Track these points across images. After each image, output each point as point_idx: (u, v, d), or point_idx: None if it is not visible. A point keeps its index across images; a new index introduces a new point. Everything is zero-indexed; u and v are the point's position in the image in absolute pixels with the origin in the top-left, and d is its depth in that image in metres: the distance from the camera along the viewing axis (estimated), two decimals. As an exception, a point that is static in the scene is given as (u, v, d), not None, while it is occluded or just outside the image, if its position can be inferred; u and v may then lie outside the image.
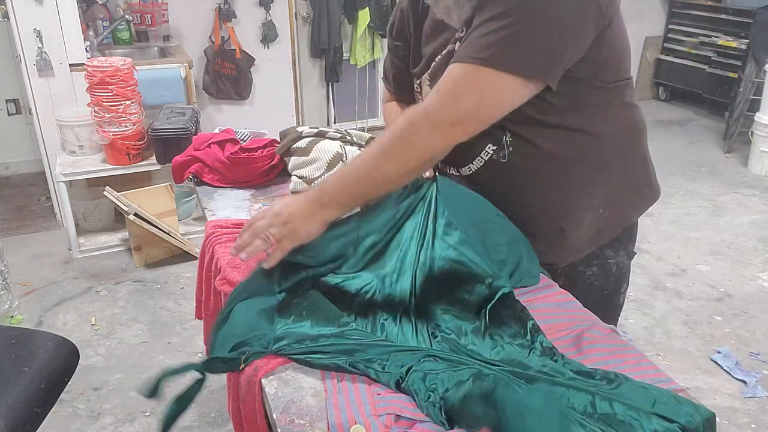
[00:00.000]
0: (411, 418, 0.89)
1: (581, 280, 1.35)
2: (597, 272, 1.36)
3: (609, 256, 1.36)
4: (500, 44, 1.00)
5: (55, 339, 1.45)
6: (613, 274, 1.38)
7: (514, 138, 1.18)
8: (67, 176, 3.11)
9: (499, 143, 1.19)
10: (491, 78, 1.01)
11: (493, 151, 1.20)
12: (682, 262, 3.26)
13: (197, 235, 3.34)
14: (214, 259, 1.36)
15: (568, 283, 1.30)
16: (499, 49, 1.00)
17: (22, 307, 2.79)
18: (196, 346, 2.54)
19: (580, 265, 1.35)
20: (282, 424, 0.90)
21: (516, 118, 1.12)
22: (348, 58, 4.71)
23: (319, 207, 1.09)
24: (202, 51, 4.12)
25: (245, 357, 1.02)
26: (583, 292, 1.31)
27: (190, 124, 3.05)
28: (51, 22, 3.13)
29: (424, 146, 1.06)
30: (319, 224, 1.11)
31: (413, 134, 1.05)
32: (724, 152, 4.76)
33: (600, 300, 1.35)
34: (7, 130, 4.18)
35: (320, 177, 1.62)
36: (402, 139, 1.06)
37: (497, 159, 1.21)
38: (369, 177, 1.08)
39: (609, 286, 1.39)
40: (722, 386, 2.37)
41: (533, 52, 1.01)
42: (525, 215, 1.25)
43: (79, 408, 2.24)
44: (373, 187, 1.10)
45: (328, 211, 1.10)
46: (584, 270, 1.35)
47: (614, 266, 1.37)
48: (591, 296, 1.30)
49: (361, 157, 1.10)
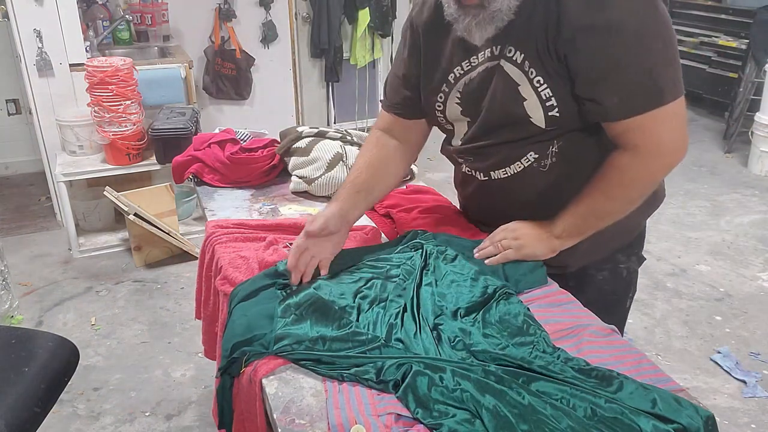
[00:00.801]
0: (411, 417, 0.89)
1: (591, 284, 1.36)
2: (608, 276, 1.37)
3: (621, 260, 1.37)
4: (655, 81, 1.06)
5: (55, 339, 1.45)
6: (623, 279, 1.39)
7: (560, 150, 1.19)
8: (67, 176, 3.11)
9: (543, 152, 1.20)
10: (671, 110, 1.08)
11: (534, 159, 1.21)
12: (682, 262, 3.26)
13: (197, 235, 3.34)
14: (214, 259, 1.36)
15: (578, 285, 1.31)
16: (661, 86, 1.06)
17: (22, 307, 2.79)
18: (196, 346, 2.54)
19: (592, 269, 1.35)
20: (282, 424, 0.90)
21: (570, 131, 1.16)
22: (348, 58, 4.71)
23: (551, 235, 1.24)
24: (202, 51, 4.12)
25: (245, 358, 1.02)
26: (593, 295, 1.33)
27: (190, 124, 3.05)
28: (51, 22, 3.13)
29: (641, 187, 1.18)
30: (548, 250, 1.24)
31: (632, 183, 1.16)
32: (724, 152, 4.76)
33: (608, 304, 1.35)
34: (7, 130, 4.18)
35: (320, 177, 1.62)
36: (621, 184, 1.16)
37: (537, 167, 1.22)
38: (593, 213, 1.21)
39: (618, 290, 1.40)
40: (722, 386, 2.37)
41: (676, 74, 1.08)
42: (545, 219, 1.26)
43: (79, 408, 2.24)
44: (599, 221, 1.22)
45: (559, 242, 1.24)
46: (595, 273, 1.36)
47: (624, 271, 1.38)
48: (600, 300, 1.30)
49: (581, 195, 1.20)
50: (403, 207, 1.54)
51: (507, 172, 1.26)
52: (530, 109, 1.14)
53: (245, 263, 1.28)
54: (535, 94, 1.13)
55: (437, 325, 1.08)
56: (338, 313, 1.08)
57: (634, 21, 1.03)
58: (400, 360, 0.97)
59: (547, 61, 1.09)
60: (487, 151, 1.25)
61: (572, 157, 1.20)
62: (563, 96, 1.12)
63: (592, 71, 1.07)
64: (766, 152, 4.32)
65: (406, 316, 1.09)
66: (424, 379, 0.92)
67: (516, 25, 1.11)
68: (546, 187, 1.24)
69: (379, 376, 0.95)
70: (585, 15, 1.03)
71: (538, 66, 1.11)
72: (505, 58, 1.14)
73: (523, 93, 1.14)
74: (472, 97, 1.22)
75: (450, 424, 0.86)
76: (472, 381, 0.92)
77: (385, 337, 1.04)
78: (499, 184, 1.28)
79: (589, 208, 1.20)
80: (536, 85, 1.12)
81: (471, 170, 1.33)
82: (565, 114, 1.13)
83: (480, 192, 1.35)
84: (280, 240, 1.36)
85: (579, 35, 1.04)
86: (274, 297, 1.15)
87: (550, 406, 0.88)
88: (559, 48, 1.07)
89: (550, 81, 1.11)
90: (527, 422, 0.85)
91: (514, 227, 1.27)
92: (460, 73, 1.23)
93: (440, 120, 1.32)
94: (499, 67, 1.16)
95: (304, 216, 1.53)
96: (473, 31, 1.12)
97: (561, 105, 1.12)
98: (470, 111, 1.25)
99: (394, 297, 1.14)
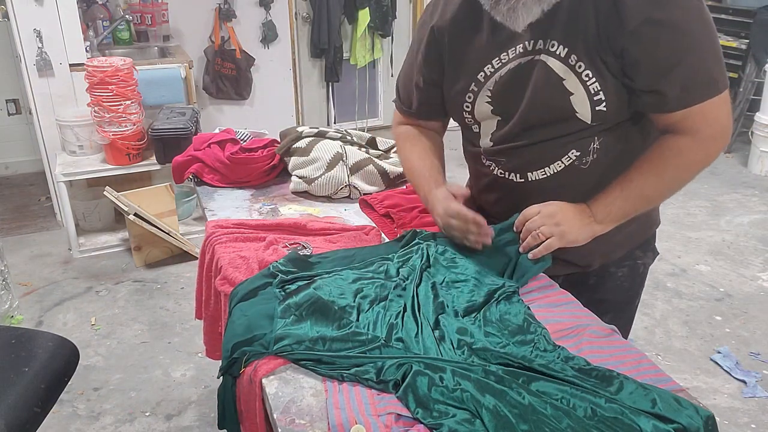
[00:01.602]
0: (411, 417, 0.89)
1: (611, 281, 1.36)
2: (627, 273, 1.37)
3: (638, 256, 1.37)
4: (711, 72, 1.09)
5: (55, 339, 1.45)
6: (639, 275, 1.39)
7: (601, 146, 1.19)
8: (67, 176, 3.11)
9: (584, 149, 1.19)
10: (725, 96, 1.11)
11: (576, 157, 1.20)
12: (682, 262, 3.26)
13: (197, 235, 3.34)
14: (214, 259, 1.36)
15: (598, 282, 1.31)
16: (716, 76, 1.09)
17: (22, 307, 2.79)
18: (196, 346, 2.54)
19: (612, 266, 1.35)
20: (282, 424, 0.90)
21: (610, 127, 1.16)
22: (348, 58, 4.71)
23: (592, 220, 1.18)
24: (202, 51, 4.12)
25: (245, 359, 1.02)
26: (611, 292, 1.33)
27: (190, 124, 3.05)
28: (51, 22, 3.13)
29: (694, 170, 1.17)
30: (589, 235, 1.18)
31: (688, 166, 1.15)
32: (724, 152, 4.76)
33: (624, 300, 1.36)
34: (7, 130, 4.18)
35: (320, 177, 1.62)
36: (677, 166, 1.15)
37: (578, 165, 1.21)
38: (641, 195, 1.17)
39: (635, 286, 1.40)
40: (722, 386, 2.37)
41: (720, 67, 1.10)
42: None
43: (79, 408, 2.24)
44: (646, 203, 1.19)
45: (600, 226, 1.18)
46: (615, 271, 1.36)
47: (641, 266, 1.38)
48: (618, 296, 1.30)
49: (627, 176, 1.17)
50: (403, 207, 1.53)
51: (546, 173, 1.23)
52: (576, 104, 1.13)
53: (245, 263, 1.28)
54: (583, 88, 1.12)
55: (438, 324, 1.08)
56: (338, 313, 1.08)
57: (693, 16, 1.05)
58: (400, 360, 0.97)
59: (599, 54, 1.09)
60: (524, 150, 1.22)
61: (613, 152, 1.20)
62: (612, 90, 1.11)
63: (656, 63, 1.07)
64: (766, 152, 4.32)
65: (406, 316, 1.09)
66: (424, 379, 0.92)
67: (558, 19, 1.10)
68: (587, 186, 1.21)
69: (379, 376, 0.95)
70: (648, 8, 1.03)
71: (586, 60, 1.10)
72: (547, 53, 1.13)
73: (569, 87, 1.12)
74: (504, 94, 1.20)
75: (450, 424, 0.86)
76: (472, 381, 0.92)
77: (386, 336, 1.04)
78: (536, 186, 1.25)
79: (639, 190, 1.16)
80: (584, 79, 1.11)
81: (504, 172, 1.28)
82: (612, 108, 1.13)
83: (513, 195, 1.30)
84: (280, 240, 1.36)
85: (644, 28, 1.04)
86: (273, 297, 1.15)
87: (550, 406, 0.88)
88: (619, 41, 1.06)
89: (599, 75, 1.10)
90: (527, 422, 0.85)
91: (552, 211, 1.18)
92: (491, 71, 1.20)
93: (467, 120, 1.29)
94: (540, 62, 1.14)
95: (304, 216, 1.53)
96: (519, 13, 1.08)
97: (609, 99, 1.12)
98: (502, 109, 1.22)
99: (394, 297, 1.14)
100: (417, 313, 1.09)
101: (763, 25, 4.57)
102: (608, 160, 1.20)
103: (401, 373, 0.95)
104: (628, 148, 1.20)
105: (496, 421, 0.85)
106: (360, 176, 1.65)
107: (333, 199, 1.66)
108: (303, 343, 1.02)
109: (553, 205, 1.19)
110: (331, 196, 1.65)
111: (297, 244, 1.35)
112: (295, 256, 1.25)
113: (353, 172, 1.65)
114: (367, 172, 1.66)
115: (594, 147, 1.19)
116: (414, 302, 1.12)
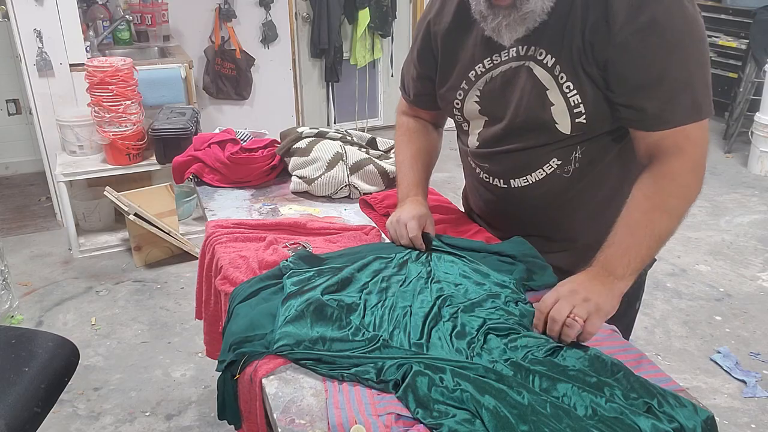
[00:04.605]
0: (411, 417, 0.89)
1: None
2: None
3: None
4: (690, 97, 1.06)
5: (55, 339, 1.45)
6: (637, 282, 1.38)
7: (583, 155, 1.18)
8: (67, 176, 3.11)
9: (566, 158, 1.19)
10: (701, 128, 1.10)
11: (557, 166, 1.20)
12: (682, 262, 3.26)
13: (197, 235, 3.34)
14: (214, 259, 1.36)
15: None
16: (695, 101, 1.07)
17: (22, 307, 2.79)
18: (196, 346, 2.54)
19: None
20: (282, 424, 0.90)
21: (593, 137, 1.15)
22: (348, 59, 4.71)
23: (613, 279, 1.07)
24: (202, 51, 4.12)
25: (244, 360, 1.01)
26: None
27: (190, 124, 3.05)
28: (51, 22, 3.13)
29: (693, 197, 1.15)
30: (619, 298, 1.08)
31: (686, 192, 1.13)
32: (724, 152, 4.76)
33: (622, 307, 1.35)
34: (7, 130, 4.18)
35: (320, 177, 1.63)
36: (677, 195, 1.12)
37: (560, 173, 1.21)
38: (652, 235, 1.09)
39: (634, 292, 1.39)
40: (722, 386, 2.37)
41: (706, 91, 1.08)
42: (570, 228, 1.26)
43: (79, 408, 2.24)
44: (659, 243, 1.12)
45: (623, 282, 1.08)
46: None
47: (643, 274, 1.37)
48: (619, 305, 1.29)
49: (631, 219, 1.10)
50: (403, 207, 1.54)
51: (528, 180, 1.23)
52: (557, 115, 1.13)
53: (245, 263, 1.28)
54: (564, 100, 1.11)
55: (438, 321, 1.08)
56: (338, 314, 1.08)
57: (686, 34, 1.04)
58: (401, 360, 0.97)
59: (583, 66, 1.08)
60: (506, 156, 1.23)
61: (596, 162, 1.19)
62: (592, 103, 1.10)
63: (639, 77, 1.05)
64: (766, 152, 4.32)
65: (407, 316, 1.09)
66: (424, 379, 0.92)
67: (548, 27, 1.09)
68: (568, 194, 1.22)
69: (380, 376, 0.95)
70: (639, 21, 1.02)
71: (569, 71, 1.09)
72: (535, 61, 1.13)
73: (551, 98, 1.12)
74: (492, 96, 1.21)
75: (450, 424, 0.86)
76: (472, 381, 0.92)
77: (389, 336, 1.04)
78: (518, 193, 1.26)
79: (649, 232, 1.09)
80: (565, 91, 1.11)
81: (489, 177, 1.30)
82: (592, 121, 1.12)
83: (499, 200, 1.32)
84: (280, 240, 1.36)
85: (632, 39, 1.03)
86: (276, 296, 1.15)
87: (550, 405, 0.88)
88: (604, 52, 1.05)
89: (580, 87, 1.10)
90: (527, 422, 0.85)
91: (571, 289, 1.05)
92: (481, 71, 1.21)
93: (457, 118, 1.31)
94: (527, 69, 1.14)
95: (304, 216, 1.53)
96: (503, 32, 1.10)
97: (589, 112, 1.11)
98: (489, 110, 1.23)
99: (394, 297, 1.14)
100: (419, 314, 1.09)
101: (763, 25, 4.57)
102: (592, 170, 1.20)
103: (401, 373, 0.95)
104: (612, 160, 1.20)
105: (496, 421, 0.85)
106: (360, 176, 1.65)
107: (333, 199, 1.66)
108: (303, 343, 1.02)
109: (568, 284, 1.07)
110: (331, 196, 1.65)
111: (297, 244, 1.35)
112: (305, 254, 1.26)
113: (353, 172, 1.65)
114: (367, 172, 1.66)
115: (576, 156, 1.19)
116: (415, 303, 1.12)
